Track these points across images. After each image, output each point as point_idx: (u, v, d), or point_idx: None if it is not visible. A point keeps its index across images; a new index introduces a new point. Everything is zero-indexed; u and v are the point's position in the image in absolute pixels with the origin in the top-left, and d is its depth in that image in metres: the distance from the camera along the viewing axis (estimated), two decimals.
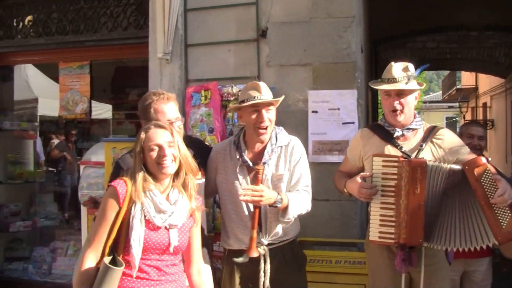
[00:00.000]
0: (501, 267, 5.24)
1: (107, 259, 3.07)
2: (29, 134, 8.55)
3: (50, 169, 10.73)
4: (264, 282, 3.91)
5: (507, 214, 3.53)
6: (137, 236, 3.08)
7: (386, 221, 3.76)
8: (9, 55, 7.37)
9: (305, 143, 5.17)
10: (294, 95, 5.42)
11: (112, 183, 3.18)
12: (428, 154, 3.87)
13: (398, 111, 3.88)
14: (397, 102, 3.87)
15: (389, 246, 3.89)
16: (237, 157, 3.97)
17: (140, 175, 3.18)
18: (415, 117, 4.00)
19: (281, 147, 4.01)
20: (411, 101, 3.93)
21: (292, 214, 3.84)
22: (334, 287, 4.92)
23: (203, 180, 4.11)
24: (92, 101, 10.11)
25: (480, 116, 24.98)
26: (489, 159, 3.68)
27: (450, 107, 34.81)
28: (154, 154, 3.21)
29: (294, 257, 4.02)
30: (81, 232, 6.18)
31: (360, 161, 4.09)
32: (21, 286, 7.02)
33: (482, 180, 3.57)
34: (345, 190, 4.06)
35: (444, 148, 3.91)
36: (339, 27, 5.35)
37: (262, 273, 3.91)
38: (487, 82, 22.31)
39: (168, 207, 3.19)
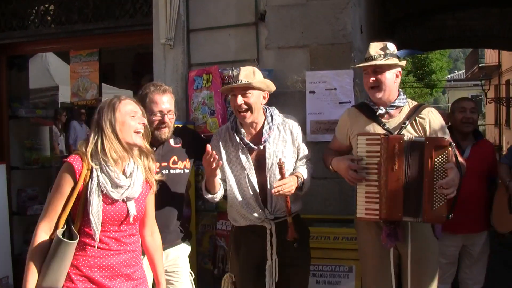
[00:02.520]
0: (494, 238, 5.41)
1: (59, 232, 3.15)
2: (44, 121, 8.74)
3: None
4: (271, 254, 4.08)
5: (442, 199, 3.66)
6: (96, 211, 3.18)
7: (370, 197, 3.85)
8: (23, 45, 7.55)
9: (303, 123, 5.29)
10: (293, 77, 5.53)
11: (68, 159, 3.25)
12: (411, 132, 3.94)
13: (376, 88, 3.97)
14: (373, 78, 3.96)
15: (377, 222, 3.98)
16: (238, 141, 4.12)
17: (100, 149, 3.26)
18: (399, 95, 4.07)
19: (277, 124, 4.19)
20: (389, 78, 3.99)
21: (307, 187, 4.13)
22: (333, 262, 5.06)
23: (186, 171, 4.32)
24: (112, 87, 10.43)
25: (503, 94, 24.75)
26: (453, 144, 3.73)
27: (475, 85, 34.29)
28: (132, 123, 3.33)
29: (298, 229, 4.12)
30: None
31: (347, 140, 4.20)
32: None
33: (436, 160, 3.67)
34: (330, 167, 4.17)
35: (426, 127, 3.97)
36: (335, 8, 5.42)
37: (269, 246, 4.08)
38: (510, 59, 22.11)
39: (124, 182, 3.30)
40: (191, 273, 4.35)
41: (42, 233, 3.21)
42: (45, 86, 10.49)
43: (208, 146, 3.84)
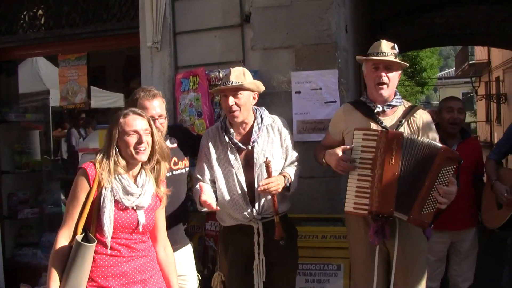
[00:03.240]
0: (482, 236, 5.44)
1: (79, 237, 3.26)
2: (35, 125, 8.76)
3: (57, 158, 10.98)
4: (259, 253, 4.13)
5: (432, 207, 3.75)
6: (108, 216, 3.27)
7: (361, 192, 3.89)
8: (12, 50, 7.57)
9: (290, 123, 5.27)
10: (278, 77, 5.55)
11: (83, 165, 3.37)
12: (405, 131, 4.01)
13: (385, 85, 4.02)
14: (385, 74, 4.01)
15: (365, 219, 4.03)
16: (227, 140, 4.17)
17: (112, 158, 3.36)
18: (395, 95, 4.14)
19: (267, 125, 4.25)
20: (395, 78, 4.09)
21: (294, 187, 4.20)
22: (321, 261, 5.10)
23: (187, 169, 4.40)
24: (101, 90, 10.45)
25: (493, 91, 24.85)
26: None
27: (466, 82, 34.26)
28: (132, 139, 3.39)
29: (286, 229, 4.17)
30: None
31: (341, 136, 4.23)
32: (30, 271, 7.25)
33: (442, 170, 3.74)
34: (324, 161, 4.18)
35: (419, 126, 4.05)
36: (319, 9, 5.45)
37: (256, 245, 4.14)
38: (499, 56, 22.19)
39: (136, 190, 3.39)
40: (198, 275, 4.45)
41: (62, 240, 3.33)
42: (35, 90, 10.48)
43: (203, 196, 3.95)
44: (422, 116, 4.11)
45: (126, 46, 7.37)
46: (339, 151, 3.96)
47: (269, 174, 3.98)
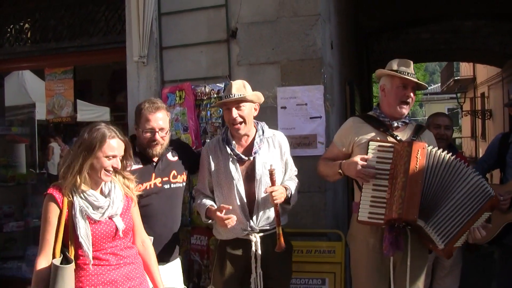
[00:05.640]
0: (468, 252, 5.48)
1: (56, 260, 3.27)
2: (20, 138, 8.76)
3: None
4: (256, 267, 4.14)
5: (462, 241, 3.90)
6: (84, 233, 3.30)
7: (377, 202, 3.92)
8: None
9: None
10: (264, 92, 5.42)
11: (48, 191, 3.37)
12: None
13: (408, 104, 4.17)
14: (412, 95, 4.17)
15: (375, 233, 4.05)
16: (229, 151, 4.21)
17: (81, 177, 3.39)
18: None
19: (267, 138, 4.32)
20: (414, 99, 4.24)
21: (294, 201, 4.26)
22: (306, 275, 5.12)
23: (184, 184, 4.44)
24: (87, 103, 10.45)
25: (478, 107, 25.00)
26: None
27: (451, 98, 34.42)
28: (106, 163, 3.43)
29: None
30: None
31: (350, 148, 4.25)
32: (15, 284, 7.22)
33: (484, 214, 3.85)
34: (340, 171, 4.16)
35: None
36: (305, 25, 5.51)
37: (253, 259, 4.14)
38: (484, 72, 22.33)
39: (104, 203, 3.41)
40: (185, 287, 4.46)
41: (41, 267, 3.31)
42: (21, 104, 10.50)
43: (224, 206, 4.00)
44: (429, 136, 4.29)
45: (112, 60, 7.40)
46: (357, 159, 3.98)
47: (273, 183, 4.00)
